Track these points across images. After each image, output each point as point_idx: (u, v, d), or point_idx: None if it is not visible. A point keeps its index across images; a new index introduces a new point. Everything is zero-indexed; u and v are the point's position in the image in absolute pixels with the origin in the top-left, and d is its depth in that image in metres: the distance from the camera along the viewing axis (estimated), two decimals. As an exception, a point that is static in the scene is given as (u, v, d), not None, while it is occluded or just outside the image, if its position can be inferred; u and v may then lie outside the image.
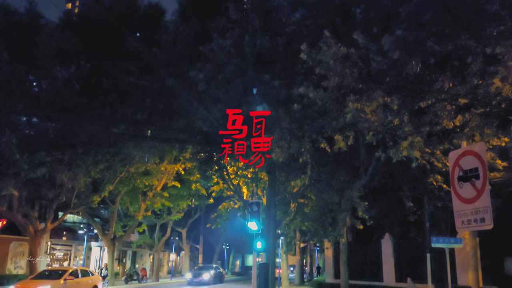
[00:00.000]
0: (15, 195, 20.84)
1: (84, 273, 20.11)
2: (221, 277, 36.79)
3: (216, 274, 35.36)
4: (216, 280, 34.71)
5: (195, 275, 33.14)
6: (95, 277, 20.86)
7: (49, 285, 17.26)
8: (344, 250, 16.52)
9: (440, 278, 18.27)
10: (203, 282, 32.21)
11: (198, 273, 33.56)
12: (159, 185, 28.98)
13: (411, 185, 17.14)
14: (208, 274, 33.04)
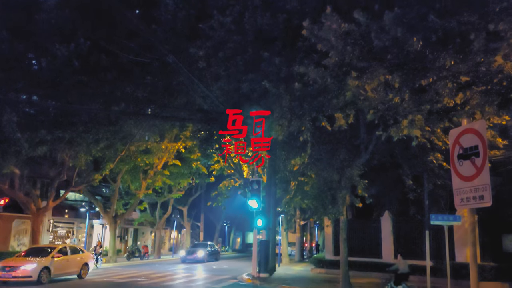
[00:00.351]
0: (17, 173, 20.94)
1: (74, 251, 19.42)
2: (217, 255, 35.82)
3: (211, 252, 34.41)
4: (211, 257, 33.94)
5: (189, 252, 32.37)
6: (85, 254, 20.17)
7: (36, 263, 16.63)
8: (343, 228, 16.64)
9: (438, 255, 18.49)
10: (197, 259, 31.48)
11: (192, 250, 32.68)
12: (160, 164, 29.08)
13: (411, 163, 17.18)
14: (203, 252, 32.14)
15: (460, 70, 9.77)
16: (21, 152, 18.55)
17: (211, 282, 18.82)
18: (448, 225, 15.80)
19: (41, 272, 16.54)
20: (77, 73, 18.69)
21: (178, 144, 28.61)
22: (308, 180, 20.38)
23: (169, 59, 15.19)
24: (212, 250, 34.72)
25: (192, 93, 18.82)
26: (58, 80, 18.18)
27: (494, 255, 17.69)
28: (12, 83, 17.59)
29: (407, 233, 21.06)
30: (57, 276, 17.86)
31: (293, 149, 17.26)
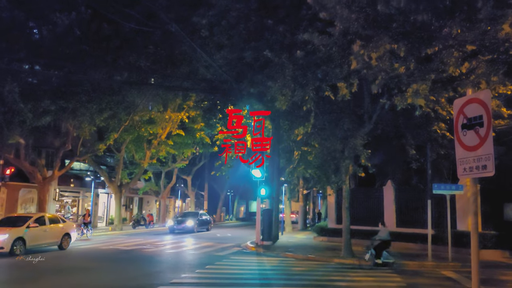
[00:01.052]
0: (22, 143, 21.06)
1: (53, 220, 17.83)
2: (208, 224, 33.66)
3: (202, 221, 32.34)
4: (202, 227, 32.09)
5: (178, 222, 30.26)
6: (66, 224, 18.54)
7: (7, 234, 15.19)
8: (346, 197, 16.78)
9: (440, 224, 18.71)
10: (186, 229, 29.65)
11: (181, 220, 30.60)
12: (164, 133, 29.16)
13: (415, 133, 17.19)
14: (192, 221, 30.17)
15: (467, 39, 9.63)
16: (26, 122, 18.62)
17: (215, 249, 19.16)
18: (450, 194, 15.95)
19: (15, 243, 15.23)
20: (78, 42, 18.56)
21: (181, 114, 28.60)
22: (311, 149, 20.45)
23: (172, 28, 15.02)
24: (203, 220, 32.73)
25: (195, 63, 18.69)
26: (60, 49, 18.07)
27: (495, 223, 17.88)
28: (14, 52, 17.49)
29: (409, 202, 21.23)
30: (34, 247, 16.43)
31: (296, 119, 17.24)
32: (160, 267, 13.54)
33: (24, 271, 12.52)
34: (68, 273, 12.21)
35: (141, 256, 16.16)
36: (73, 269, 12.90)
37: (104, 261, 14.78)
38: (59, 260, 14.81)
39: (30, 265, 13.37)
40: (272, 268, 13.88)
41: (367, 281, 11.75)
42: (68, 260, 15.11)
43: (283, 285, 10.75)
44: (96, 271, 12.56)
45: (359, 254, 16.84)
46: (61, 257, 15.79)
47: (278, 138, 21.80)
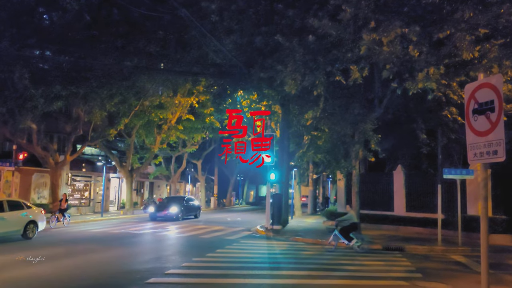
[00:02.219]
0: (34, 128, 21.30)
1: (15, 206, 15.53)
2: (197, 211, 29.95)
3: (189, 207, 28.69)
4: (189, 214, 28.60)
5: (159, 208, 26.78)
6: (32, 210, 16.22)
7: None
8: (356, 181, 16.83)
9: (450, 208, 18.68)
10: (169, 217, 26.11)
11: (163, 205, 27.11)
12: (174, 118, 29.27)
13: (426, 117, 17.10)
14: (176, 208, 26.51)
15: (479, 22, 9.51)
16: (37, 107, 18.82)
17: (226, 233, 19.34)
18: (461, 179, 15.90)
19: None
20: (88, 27, 18.60)
21: (191, 99, 28.66)
22: (321, 134, 20.44)
23: (181, 13, 14.96)
24: (190, 206, 28.97)
25: (204, 48, 18.64)
26: (70, 35, 18.14)
27: (506, 208, 17.81)
28: (25, 38, 17.59)
29: (419, 187, 21.19)
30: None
31: (306, 104, 17.21)
32: (171, 251, 13.73)
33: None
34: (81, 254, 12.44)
35: (151, 240, 16.39)
36: (82, 252, 13.14)
37: (114, 245, 15.01)
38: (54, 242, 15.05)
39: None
40: (281, 252, 14.01)
41: (376, 265, 11.83)
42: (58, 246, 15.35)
43: (292, 269, 10.87)
44: (106, 254, 12.78)
45: (368, 238, 16.92)
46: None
47: (288, 123, 21.79)
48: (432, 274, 10.54)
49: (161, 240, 16.34)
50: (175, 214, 26.14)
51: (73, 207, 29.09)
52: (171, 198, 29.99)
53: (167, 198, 30.13)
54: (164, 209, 26.24)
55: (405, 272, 10.83)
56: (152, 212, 26.54)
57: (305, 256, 13.43)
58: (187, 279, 9.25)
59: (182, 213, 26.95)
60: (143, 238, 17.07)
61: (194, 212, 29.46)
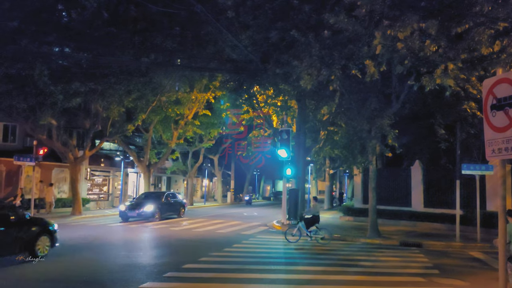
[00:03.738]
0: (54, 124, 21.67)
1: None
2: (179, 209, 25.13)
3: (169, 205, 24.20)
4: (169, 212, 24.10)
5: (132, 206, 22.36)
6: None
7: None
8: (373, 177, 16.70)
9: (469, 204, 18.47)
10: (144, 215, 21.85)
11: (137, 203, 22.81)
12: (190, 114, 29.44)
13: (444, 112, 16.88)
14: (153, 205, 22.11)
15: (498, 16, 9.33)
16: (57, 103, 19.11)
17: (242, 228, 19.44)
18: (480, 174, 15.69)
19: None
20: (106, 24, 18.80)
21: (207, 94, 28.78)
22: (337, 129, 20.34)
23: (197, 9, 15.01)
24: (171, 203, 24.49)
25: (220, 43, 18.67)
26: (88, 32, 18.36)
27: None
28: (44, 35, 17.86)
29: (437, 182, 20.99)
30: None
31: (322, 99, 17.14)
32: (188, 245, 13.88)
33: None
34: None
35: (169, 235, 16.55)
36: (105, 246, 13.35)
37: (131, 240, 15.23)
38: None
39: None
40: (297, 247, 14.04)
41: (393, 261, 11.78)
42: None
43: (308, 264, 10.90)
44: (124, 249, 12.98)
45: (385, 234, 16.84)
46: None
47: (304, 118, 21.74)
48: (449, 270, 10.46)
49: (177, 234, 16.50)
50: (151, 213, 21.82)
51: (92, 201, 29.52)
52: (147, 194, 25.43)
53: (144, 194, 25.45)
54: (137, 208, 21.85)
55: (422, 268, 10.77)
56: (122, 211, 21.95)
57: (320, 251, 13.43)
58: (203, 273, 9.35)
59: (161, 211, 22.51)
60: (158, 233, 17.26)
61: (176, 211, 24.78)
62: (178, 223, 21.34)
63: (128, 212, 21.79)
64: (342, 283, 8.79)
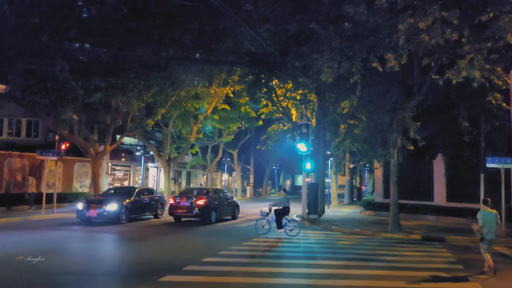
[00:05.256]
0: (75, 119, 21.95)
1: None
2: (155, 208, 20.23)
3: (141, 204, 19.25)
4: (141, 213, 19.59)
5: (93, 205, 17.50)
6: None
7: None
8: (394, 171, 16.43)
9: (493, 198, 17.95)
10: (107, 216, 17.19)
11: (98, 200, 18.22)
12: (210, 108, 29.49)
13: (468, 104, 16.48)
14: (117, 204, 17.36)
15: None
16: (78, 98, 19.34)
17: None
18: (505, 168, 15.29)
19: None
20: (125, 20, 18.93)
21: (226, 89, 28.77)
22: (358, 123, 20.10)
23: (216, 2, 14.96)
24: (144, 202, 19.54)
25: (239, 37, 18.62)
26: (108, 27, 18.51)
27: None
28: (65, 31, 18.07)
29: (460, 176, 20.57)
30: None
31: (342, 92, 16.92)
32: (208, 239, 13.90)
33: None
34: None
35: (188, 229, 16.60)
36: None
37: (153, 233, 15.33)
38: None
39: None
40: (317, 242, 13.94)
41: (415, 256, 11.59)
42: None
43: (328, 259, 10.78)
44: (147, 243, 13.07)
45: (407, 228, 16.59)
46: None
47: (324, 111, 21.55)
48: (474, 265, 10.23)
49: (196, 228, 16.55)
50: (114, 214, 17.20)
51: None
52: (117, 189, 21.66)
53: (113, 189, 21.54)
54: (98, 207, 17.24)
55: (446, 263, 10.57)
56: (80, 210, 17.44)
57: (341, 245, 13.31)
58: (222, 267, 9.33)
59: (129, 211, 18.04)
60: (177, 226, 17.33)
61: (153, 210, 20.14)
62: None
63: (86, 211, 17.17)
64: (364, 277, 8.66)
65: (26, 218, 18.39)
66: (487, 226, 9.18)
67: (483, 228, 9.20)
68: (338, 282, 8.27)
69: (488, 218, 9.22)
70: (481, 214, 9.33)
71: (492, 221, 9.21)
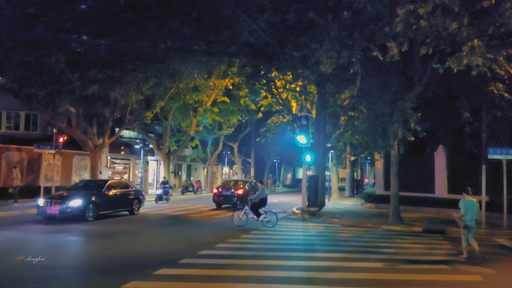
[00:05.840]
0: (73, 112, 21.77)
1: None
2: (130, 204, 18.03)
3: (112, 199, 17.08)
4: (115, 208, 17.34)
5: (55, 200, 15.45)
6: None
7: None
8: (394, 162, 16.23)
9: (495, 190, 17.86)
10: (71, 213, 15.16)
11: (60, 196, 15.89)
12: (209, 101, 29.30)
13: (469, 94, 16.24)
14: (81, 200, 15.38)
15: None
16: (75, 91, 19.14)
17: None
18: (507, 159, 15.09)
19: None
20: (123, 11, 18.67)
21: (225, 81, 28.56)
22: (358, 114, 19.85)
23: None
24: (116, 195, 17.38)
25: (238, 27, 18.41)
26: (105, 18, 18.27)
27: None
28: (61, 22, 17.84)
29: (462, 168, 20.38)
30: None
31: (342, 82, 16.71)
32: (205, 232, 13.73)
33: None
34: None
35: (187, 222, 16.47)
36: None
37: (150, 226, 15.18)
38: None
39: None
40: (317, 234, 13.79)
41: (415, 248, 11.43)
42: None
43: (328, 251, 10.62)
44: (144, 236, 12.93)
45: (407, 220, 16.43)
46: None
47: (324, 103, 21.31)
48: (475, 258, 10.05)
49: (196, 221, 16.42)
50: (79, 210, 15.21)
51: (113, 189, 29.68)
52: (87, 182, 18.54)
53: (82, 183, 18.48)
54: (61, 202, 15.25)
55: (447, 255, 10.41)
56: (40, 207, 15.43)
57: (341, 238, 13.15)
58: (219, 260, 9.17)
59: (97, 207, 16.00)
60: (177, 219, 17.20)
61: (127, 206, 17.96)
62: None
63: (47, 208, 15.19)
64: (363, 270, 8.49)
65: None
66: (469, 213, 9.80)
67: (466, 216, 9.82)
68: (337, 275, 8.11)
69: (469, 206, 9.84)
70: (462, 202, 9.94)
71: (473, 209, 9.83)
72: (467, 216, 9.83)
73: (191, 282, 7.41)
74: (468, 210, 9.83)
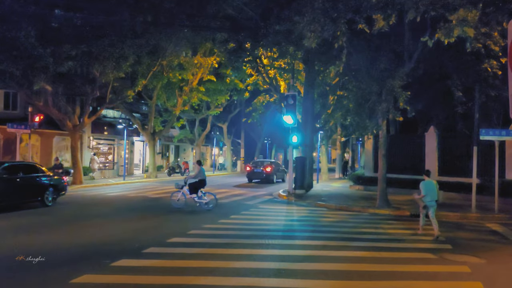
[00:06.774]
0: (49, 90, 20.72)
1: None
2: (41, 193, 14.28)
3: (8, 187, 13.08)
4: (19, 199, 13.73)
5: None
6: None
7: None
8: (383, 143, 15.50)
9: (486, 172, 17.29)
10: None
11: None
12: (195, 80, 28.32)
13: (462, 73, 15.44)
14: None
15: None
16: (48, 67, 18.10)
17: (246, 198, 18.60)
18: (499, 140, 14.44)
19: None
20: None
21: (211, 59, 27.54)
22: (347, 94, 19.04)
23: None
24: (17, 183, 13.50)
25: (221, 1, 17.41)
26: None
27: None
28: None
29: (453, 149, 19.78)
30: None
31: (329, 60, 15.87)
32: (182, 217, 13.03)
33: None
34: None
35: (166, 204, 15.67)
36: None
37: (120, 209, 14.46)
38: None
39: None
40: (299, 219, 13.12)
41: (402, 234, 10.81)
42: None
43: (308, 238, 9.94)
44: (109, 220, 12.22)
45: (395, 203, 15.83)
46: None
47: (312, 82, 20.46)
48: (464, 245, 9.46)
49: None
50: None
51: (98, 170, 28.87)
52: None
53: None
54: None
55: (434, 242, 9.77)
56: None
57: (324, 223, 12.49)
58: (189, 249, 8.46)
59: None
60: (156, 202, 16.48)
61: (36, 195, 14.22)
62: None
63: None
64: (343, 260, 7.80)
65: None
66: (430, 195, 10.28)
67: (426, 197, 10.33)
68: (313, 265, 7.42)
69: (430, 187, 10.31)
70: (423, 184, 10.40)
71: (433, 190, 10.30)
72: (427, 197, 10.29)
73: (150, 275, 6.69)
74: (428, 191, 10.26)
